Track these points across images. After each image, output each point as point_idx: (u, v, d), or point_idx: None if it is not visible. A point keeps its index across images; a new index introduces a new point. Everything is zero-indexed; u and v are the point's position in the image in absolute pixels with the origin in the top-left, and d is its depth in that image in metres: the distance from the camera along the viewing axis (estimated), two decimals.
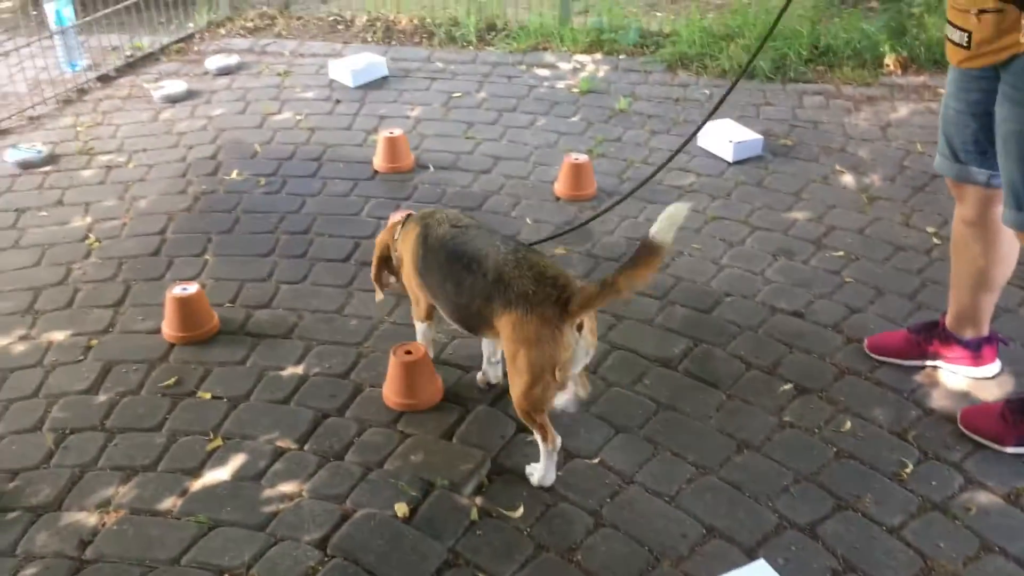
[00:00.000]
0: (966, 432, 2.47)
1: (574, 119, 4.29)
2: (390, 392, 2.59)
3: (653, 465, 2.40)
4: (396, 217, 2.71)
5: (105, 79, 4.89)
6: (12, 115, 4.44)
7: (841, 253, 3.22)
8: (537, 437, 2.28)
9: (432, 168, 3.87)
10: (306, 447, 2.47)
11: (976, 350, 2.64)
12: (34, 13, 5.55)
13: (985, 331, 2.63)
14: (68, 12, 4.91)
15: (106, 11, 5.10)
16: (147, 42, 5.26)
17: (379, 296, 2.73)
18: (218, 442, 2.49)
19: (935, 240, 3.28)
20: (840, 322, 2.89)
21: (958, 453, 2.41)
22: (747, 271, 3.15)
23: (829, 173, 3.76)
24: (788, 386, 2.65)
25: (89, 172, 3.93)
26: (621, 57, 4.96)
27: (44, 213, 3.63)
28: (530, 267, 2.22)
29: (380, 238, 2.69)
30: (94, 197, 3.73)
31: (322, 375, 2.73)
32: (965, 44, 2.20)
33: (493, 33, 5.29)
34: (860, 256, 3.21)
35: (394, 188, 3.73)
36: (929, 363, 2.69)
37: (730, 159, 3.84)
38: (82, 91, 4.75)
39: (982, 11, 2.11)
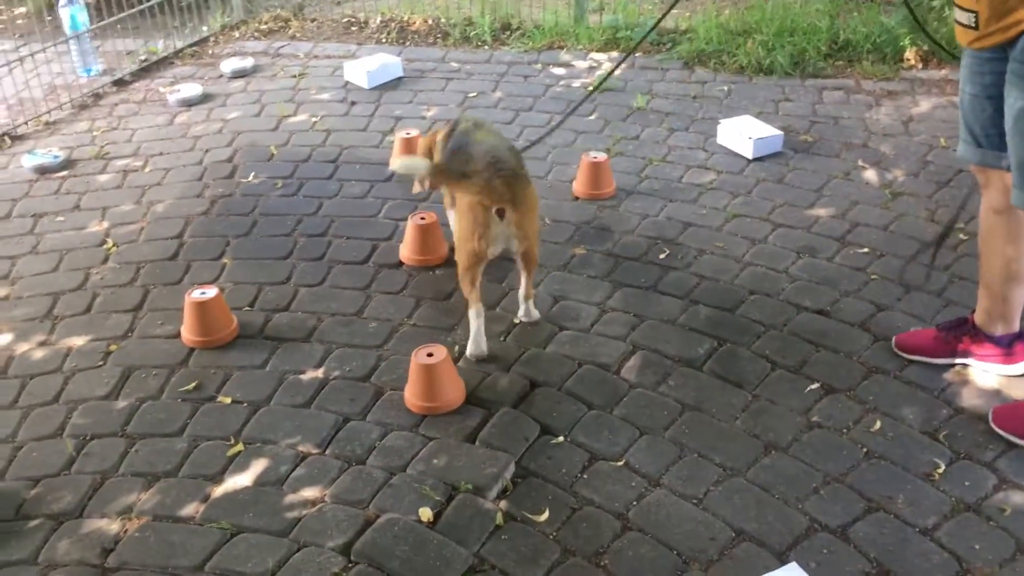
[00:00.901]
0: (998, 431, 2.42)
1: (591, 118, 4.25)
2: (411, 395, 2.57)
3: (679, 467, 2.36)
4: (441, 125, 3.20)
5: (120, 83, 4.89)
6: (28, 120, 4.44)
7: (866, 250, 3.18)
8: (467, 302, 2.77)
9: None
10: (327, 451, 2.45)
11: (1007, 347, 2.59)
12: (49, 19, 5.55)
13: (1016, 327, 2.58)
14: (83, 17, 4.92)
15: (120, 16, 5.10)
16: (162, 46, 5.27)
17: (416, 188, 3.17)
18: (239, 447, 2.47)
19: (961, 236, 3.23)
20: (867, 320, 2.85)
21: (991, 453, 2.37)
22: (770, 269, 3.11)
23: (851, 169, 3.71)
24: (815, 385, 2.60)
25: (105, 177, 3.93)
26: (637, 55, 4.91)
27: (61, 218, 3.62)
28: (492, 153, 2.67)
29: (423, 141, 3.18)
30: (111, 202, 3.72)
31: (342, 378, 2.70)
32: (973, 24, 2.22)
33: (508, 32, 5.26)
34: (885, 253, 3.16)
35: (411, 189, 3.70)
36: (959, 361, 2.64)
37: (750, 156, 3.80)
38: (97, 96, 4.75)
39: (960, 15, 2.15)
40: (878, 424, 2.46)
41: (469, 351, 2.76)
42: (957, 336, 2.63)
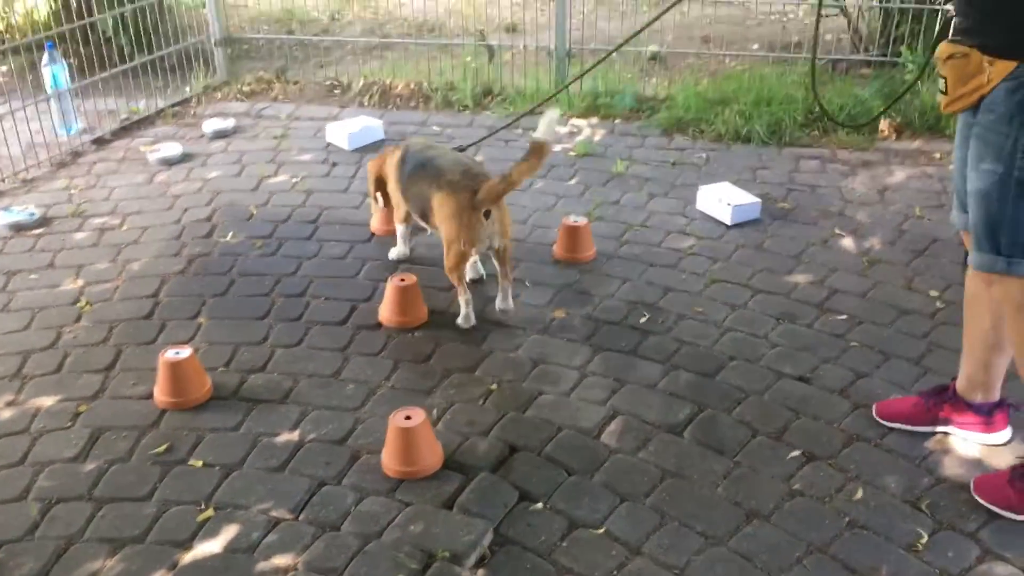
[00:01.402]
0: (981, 501, 2.40)
1: (571, 182, 4.28)
2: (388, 459, 2.52)
3: (660, 535, 2.32)
4: (388, 149, 3.54)
5: (100, 142, 4.88)
6: (5, 178, 4.41)
7: (844, 317, 3.19)
8: (458, 290, 3.16)
9: (429, 231, 3.84)
10: (301, 517, 2.39)
11: (987, 415, 2.59)
12: (30, 77, 5.56)
13: (996, 396, 2.58)
14: (64, 76, 4.92)
15: (103, 75, 5.12)
16: (144, 106, 5.28)
17: (374, 207, 3.66)
18: (210, 512, 2.40)
19: (939, 304, 3.25)
20: (847, 387, 2.84)
21: (974, 523, 2.34)
22: (751, 334, 3.11)
23: (828, 236, 3.75)
24: (796, 453, 2.58)
25: (82, 235, 3.89)
26: (617, 121, 4.98)
27: (35, 276, 3.58)
28: (463, 166, 3.11)
29: (372, 164, 3.55)
30: (86, 260, 3.68)
31: (318, 441, 2.65)
32: (944, 90, 2.27)
33: (489, 97, 5.32)
34: (864, 320, 3.17)
35: (391, 251, 3.69)
36: (940, 429, 2.63)
37: (729, 222, 3.83)
38: (76, 154, 4.74)
39: (950, 56, 2.21)
40: (860, 493, 2.44)
41: (460, 322, 3.17)
42: (938, 404, 2.63)
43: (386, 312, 3.20)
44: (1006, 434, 2.61)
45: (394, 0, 7.42)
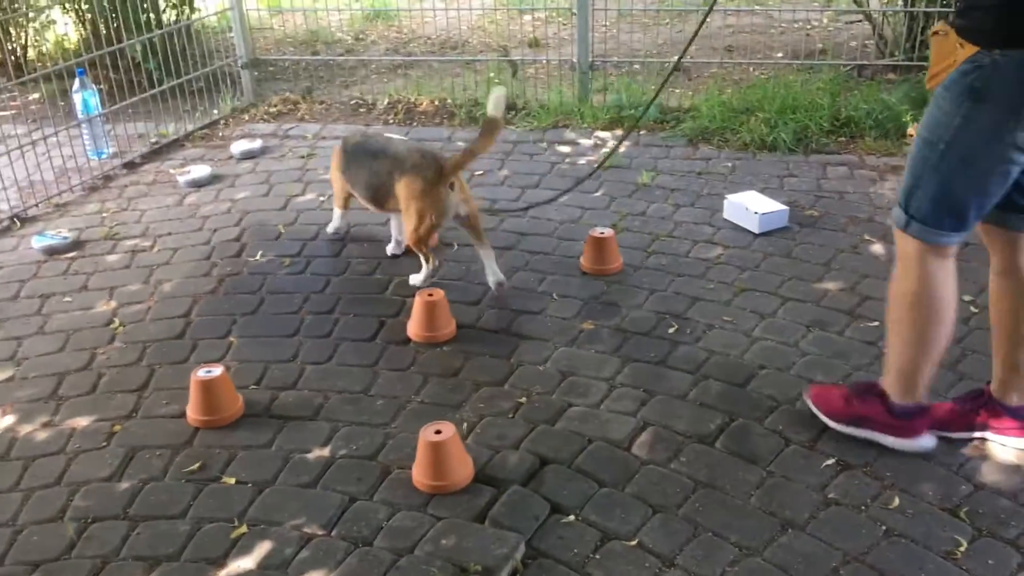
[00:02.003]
0: (811, 406, 2.59)
1: (597, 194, 4.28)
2: (419, 474, 2.52)
3: (694, 547, 2.30)
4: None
5: (131, 166, 4.95)
6: (39, 202, 4.49)
7: (876, 323, 3.15)
8: (422, 260, 3.44)
9: (456, 246, 3.86)
10: (333, 533, 2.39)
11: (1020, 418, 2.54)
12: (62, 103, 5.66)
13: None
14: (95, 101, 5.01)
15: (132, 100, 5.20)
16: (172, 129, 5.35)
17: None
18: (243, 529, 2.41)
19: (972, 309, 3.21)
20: None
21: (1015, 530, 2.30)
22: (781, 343, 3.08)
23: (858, 243, 3.72)
24: (831, 461, 2.55)
25: (114, 257, 3.94)
26: (642, 132, 4.98)
27: (69, 299, 3.63)
28: (418, 149, 3.41)
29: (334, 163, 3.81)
30: (119, 281, 3.73)
31: (349, 457, 2.66)
32: (930, 69, 2.35)
33: (513, 112, 5.34)
34: None
35: (417, 266, 3.70)
36: (977, 435, 2.59)
37: (756, 230, 3.81)
38: (108, 178, 4.81)
39: (935, 32, 2.29)
40: (896, 501, 2.41)
41: (414, 280, 3.50)
42: (974, 409, 2.59)
43: (414, 327, 3.22)
44: (926, 441, 2.56)
45: (417, 19, 7.48)
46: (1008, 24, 2.12)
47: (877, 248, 3.67)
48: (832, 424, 2.64)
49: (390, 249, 3.71)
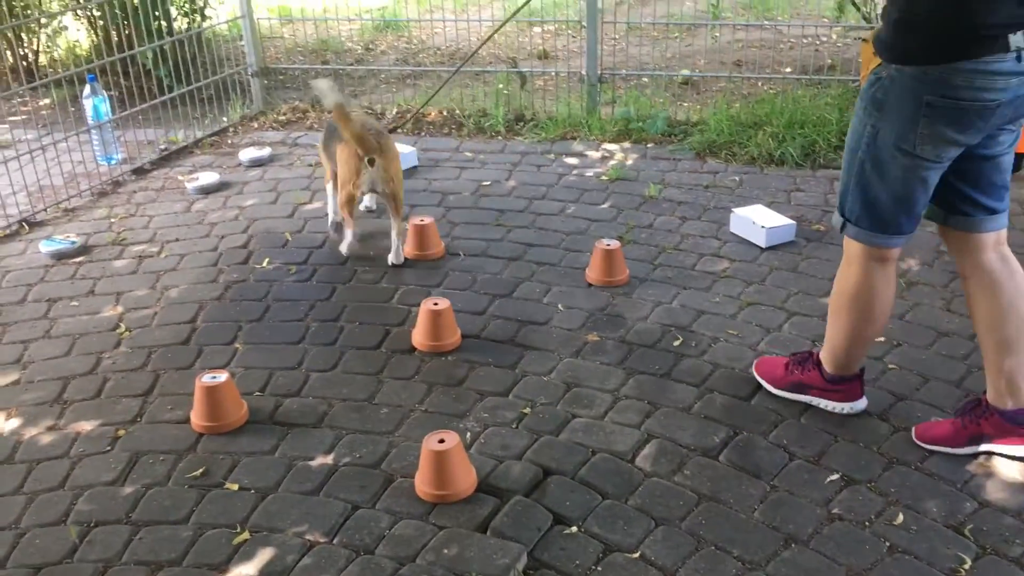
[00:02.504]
0: (756, 376, 2.78)
1: (604, 206, 4.29)
2: (422, 483, 2.52)
3: (697, 560, 2.29)
4: None
5: (140, 172, 4.97)
6: (48, 207, 4.50)
7: (882, 339, 3.14)
8: (347, 223, 3.85)
9: (462, 256, 3.87)
10: (335, 541, 2.39)
11: (1019, 424, 2.53)
12: (72, 109, 5.69)
13: None
14: (105, 107, 5.03)
15: (142, 106, 5.22)
16: (182, 136, 5.37)
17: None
18: (245, 535, 2.41)
19: None
20: (886, 410, 2.80)
21: (1019, 548, 2.29)
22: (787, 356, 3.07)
23: None
24: (835, 476, 2.54)
25: (121, 262, 3.96)
26: (649, 145, 4.99)
27: (76, 303, 3.64)
28: (361, 125, 3.68)
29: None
30: (126, 287, 3.74)
31: (352, 465, 2.66)
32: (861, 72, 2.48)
33: (521, 124, 5.36)
34: (902, 342, 3.13)
35: (424, 275, 3.72)
36: (983, 449, 2.57)
37: (763, 244, 3.81)
38: (117, 183, 4.83)
39: (863, 40, 2.43)
40: (901, 517, 2.40)
41: (344, 249, 3.88)
42: (975, 420, 2.58)
43: (419, 336, 3.22)
44: (862, 403, 2.70)
45: (427, 29, 7.51)
46: (902, 41, 2.24)
47: None
48: (773, 390, 2.84)
49: (391, 259, 3.80)
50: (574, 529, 2.39)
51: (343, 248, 3.88)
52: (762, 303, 3.42)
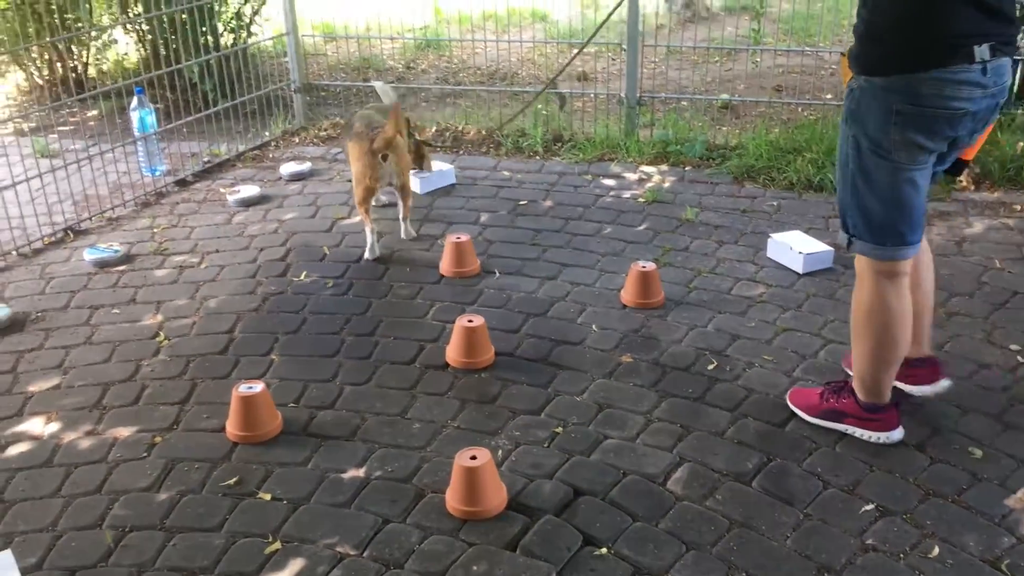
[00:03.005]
0: (791, 406, 2.79)
1: (640, 228, 4.29)
2: (453, 499, 2.53)
3: None
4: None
5: (183, 183, 5.06)
6: (92, 216, 4.59)
7: None
8: (365, 222, 4.01)
9: (498, 273, 3.88)
10: (365, 554, 2.40)
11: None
12: (119, 120, 5.80)
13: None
14: (152, 120, 5.13)
15: (187, 119, 5.32)
16: (224, 149, 5.46)
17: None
18: (277, 545, 2.43)
19: (1020, 358, 3.15)
20: (923, 441, 2.76)
21: None
22: (822, 386, 3.05)
23: None
24: (870, 507, 2.51)
25: (162, 272, 4.02)
26: (687, 169, 4.98)
27: (117, 311, 3.70)
28: (367, 119, 3.96)
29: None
30: (166, 296, 3.80)
31: (384, 479, 2.67)
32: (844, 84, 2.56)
33: (559, 144, 5.38)
34: (941, 373, 3.09)
35: (460, 292, 3.74)
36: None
37: (800, 270, 3.78)
38: (160, 194, 4.91)
39: (843, 54, 2.52)
40: (936, 550, 2.36)
41: (365, 256, 3.99)
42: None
43: (453, 353, 3.23)
44: (898, 433, 2.73)
45: (468, 49, 7.58)
46: (869, 52, 2.36)
47: None
48: (807, 418, 2.83)
49: (403, 235, 4.16)
50: (604, 551, 2.39)
51: (367, 253, 3.99)
52: (798, 329, 3.39)
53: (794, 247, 3.83)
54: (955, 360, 3.17)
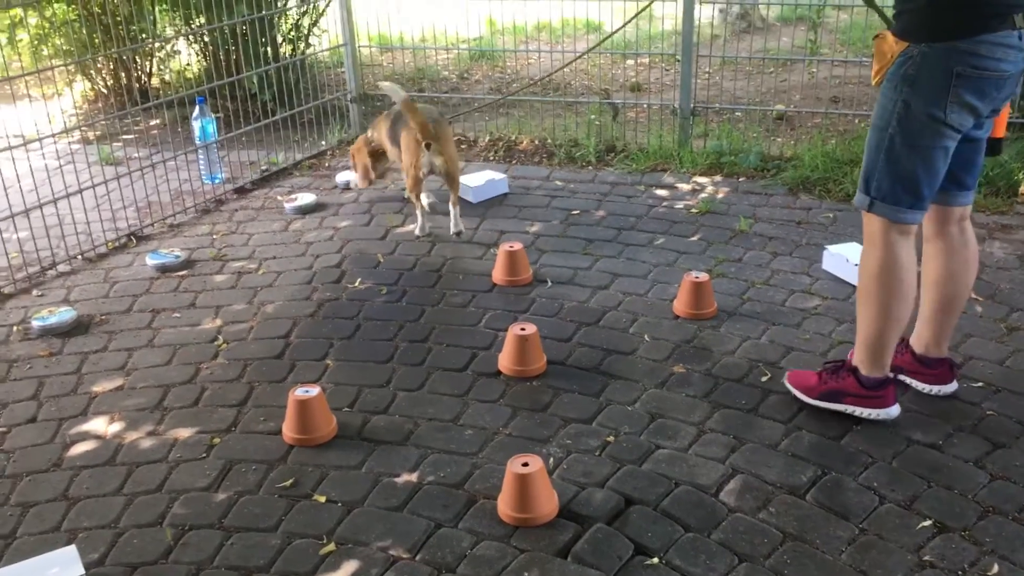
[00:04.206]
0: (790, 387, 2.93)
1: (693, 239, 4.27)
2: (505, 505, 2.54)
3: None
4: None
5: (241, 191, 5.16)
6: (155, 222, 4.70)
7: (981, 384, 3.06)
8: (416, 205, 4.42)
9: (550, 283, 3.90)
10: (418, 557, 2.43)
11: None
12: (180, 130, 5.94)
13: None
14: (212, 129, 5.24)
15: (246, 128, 5.43)
16: (282, 158, 5.56)
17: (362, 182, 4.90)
18: (331, 547, 2.47)
19: None
20: (982, 457, 2.72)
21: None
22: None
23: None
24: (927, 523, 2.48)
25: (221, 277, 4.10)
26: (741, 179, 4.96)
27: (178, 315, 3.79)
28: (419, 116, 4.21)
29: (357, 144, 4.88)
30: (225, 301, 3.88)
31: (436, 484, 2.70)
32: (873, 67, 2.71)
33: (612, 154, 5.38)
34: (1001, 388, 3.04)
35: (512, 301, 3.76)
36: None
37: (856, 283, 3.73)
38: (219, 202, 5.01)
39: (875, 37, 2.67)
40: (996, 568, 2.32)
41: (416, 232, 4.40)
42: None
43: (505, 360, 3.25)
44: (895, 410, 2.85)
45: (521, 60, 7.62)
46: (930, 23, 2.52)
47: (984, 308, 3.56)
48: (806, 399, 2.95)
49: (451, 227, 4.39)
50: (655, 560, 2.38)
51: (417, 230, 4.36)
52: (853, 342, 3.34)
53: (850, 259, 3.79)
54: (1016, 375, 3.11)
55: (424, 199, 4.50)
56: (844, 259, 3.81)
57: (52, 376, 3.36)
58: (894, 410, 2.85)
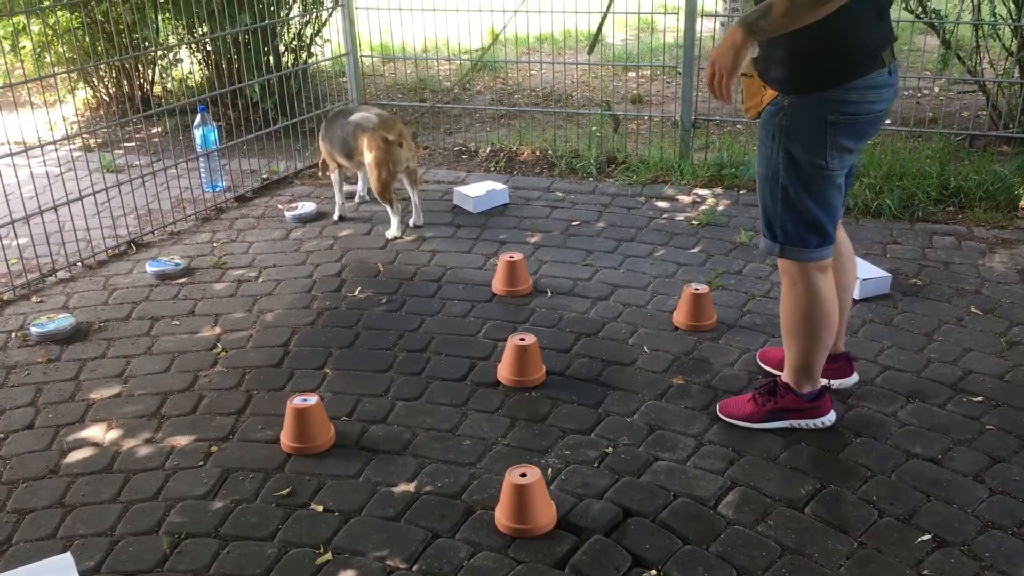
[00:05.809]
0: (723, 417, 2.91)
1: (693, 250, 4.27)
2: (502, 516, 2.53)
3: None
4: None
5: (242, 199, 5.16)
6: (155, 229, 4.71)
7: (980, 399, 3.05)
8: (387, 208, 4.50)
9: (550, 293, 3.89)
10: (415, 568, 2.42)
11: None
12: (181, 138, 5.95)
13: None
14: (214, 137, 5.25)
15: (247, 137, 5.43)
16: (283, 166, 5.56)
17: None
18: (328, 556, 2.46)
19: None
20: (982, 471, 2.71)
21: None
22: (878, 412, 3.01)
23: (964, 315, 3.61)
24: (926, 537, 2.47)
25: (221, 285, 4.10)
26: (742, 192, 4.96)
27: (177, 322, 3.78)
28: (377, 115, 4.44)
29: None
30: (224, 309, 3.88)
31: (434, 494, 2.69)
32: (741, 100, 2.74)
33: (613, 166, 5.39)
34: (1001, 403, 3.03)
35: (512, 311, 3.76)
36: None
37: (856, 296, 3.73)
38: (220, 210, 5.02)
39: (743, 74, 2.63)
40: None
41: (389, 234, 4.50)
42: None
43: (504, 371, 3.25)
44: (833, 415, 2.90)
45: (523, 71, 7.64)
46: (796, 74, 2.52)
47: (984, 322, 3.55)
48: (748, 425, 2.93)
49: (412, 221, 4.61)
50: (653, 572, 2.37)
51: (390, 233, 4.47)
52: (854, 356, 3.34)
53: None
54: (1015, 390, 3.10)
55: (338, 196, 4.75)
56: None
57: (50, 383, 3.35)
58: (832, 415, 2.92)
